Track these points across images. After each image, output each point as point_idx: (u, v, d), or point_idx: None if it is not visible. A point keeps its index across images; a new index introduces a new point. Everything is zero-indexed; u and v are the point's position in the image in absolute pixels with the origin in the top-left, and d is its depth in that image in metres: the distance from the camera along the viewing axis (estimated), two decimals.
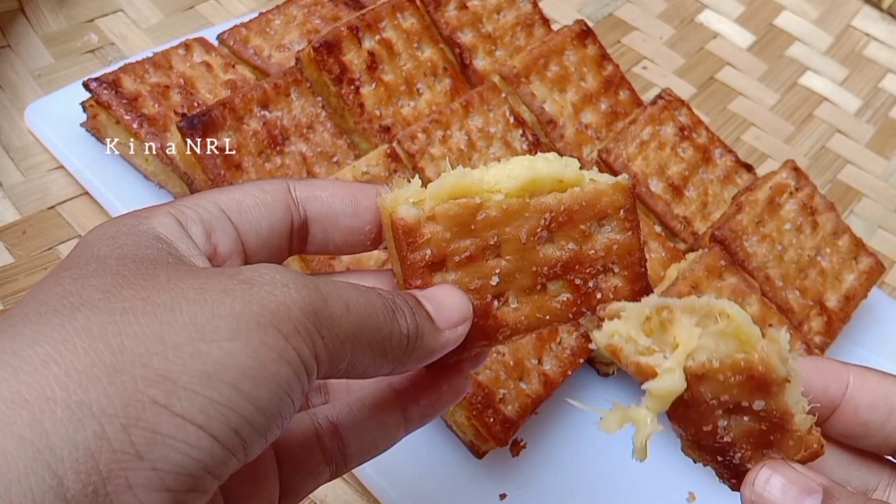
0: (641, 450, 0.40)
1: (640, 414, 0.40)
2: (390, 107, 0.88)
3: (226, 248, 0.42)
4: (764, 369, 0.39)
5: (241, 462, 0.34)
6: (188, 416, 0.31)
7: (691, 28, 1.31)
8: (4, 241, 0.87)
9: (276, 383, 0.34)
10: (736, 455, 0.42)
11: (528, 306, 0.46)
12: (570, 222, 0.44)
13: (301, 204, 0.45)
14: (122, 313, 0.32)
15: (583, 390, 0.84)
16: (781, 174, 0.93)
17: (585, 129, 0.95)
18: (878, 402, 0.45)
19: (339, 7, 1.02)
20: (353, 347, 0.38)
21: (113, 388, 0.30)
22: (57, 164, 0.93)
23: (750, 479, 0.41)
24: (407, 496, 0.74)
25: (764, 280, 0.88)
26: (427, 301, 0.43)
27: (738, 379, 0.39)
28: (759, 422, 0.41)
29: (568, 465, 0.79)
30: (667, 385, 0.40)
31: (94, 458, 0.29)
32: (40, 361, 0.30)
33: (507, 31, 0.99)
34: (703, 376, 0.40)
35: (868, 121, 1.24)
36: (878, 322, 0.97)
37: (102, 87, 0.86)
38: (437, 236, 0.43)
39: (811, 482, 0.40)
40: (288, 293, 0.35)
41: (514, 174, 0.44)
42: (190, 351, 0.32)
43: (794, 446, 0.41)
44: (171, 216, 0.40)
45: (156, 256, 0.37)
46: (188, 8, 1.14)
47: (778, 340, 0.40)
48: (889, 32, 1.36)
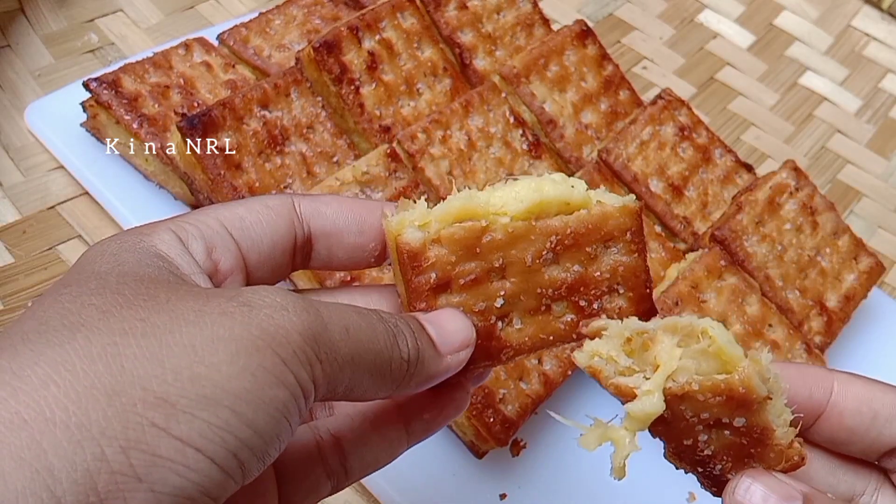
0: (619, 469, 0.41)
1: (618, 434, 0.40)
2: (390, 107, 0.88)
3: (227, 265, 0.42)
4: (745, 390, 0.39)
5: (238, 484, 0.34)
6: (187, 439, 0.31)
7: (691, 28, 1.31)
8: (4, 241, 0.87)
9: (273, 407, 0.34)
10: (716, 467, 0.42)
11: (532, 327, 0.46)
12: (576, 245, 0.44)
13: (305, 220, 0.45)
14: (121, 334, 0.33)
15: (582, 390, 0.84)
16: (781, 174, 0.93)
17: (585, 129, 0.95)
18: (861, 407, 0.45)
19: (339, 7, 1.02)
20: (352, 371, 0.38)
21: (112, 411, 0.30)
22: (57, 164, 0.93)
23: (731, 488, 0.42)
24: (407, 496, 0.74)
25: (764, 280, 0.88)
26: (430, 325, 0.43)
27: (719, 399, 0.40)
28: (740, 437, 0.41)
29: (568, 465, 0.79)
30: (646, 408, 0.40)
31: (92, 480, 0.29)
32: (40, 382, 0.30)
33: (507, 31, 0.99)
34: (683, 396, 0.40)
35: (868, 121, 1.24)
36: (878, 322, 0.97)
37: (102, 87, 0.86)
38: (441, 259, 0.43)
39: (791, 490, 0.41)
40: (287, 317, 0.35)
41: (520, 197, 0.44)
42: (188, 374, 0.32)
43: (774, 458, 0.42)
44: (172, 233, 0.40)
45: (156, 275, 0.37)
46: (188, 8, 1.14)
47: (760, 361, 0.40)
48: (889, 32, 1.36)
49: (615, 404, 0.43)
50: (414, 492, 0.75)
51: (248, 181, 0.80)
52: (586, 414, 0.42)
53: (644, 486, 0.79)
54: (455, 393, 0.47)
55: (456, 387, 0.47)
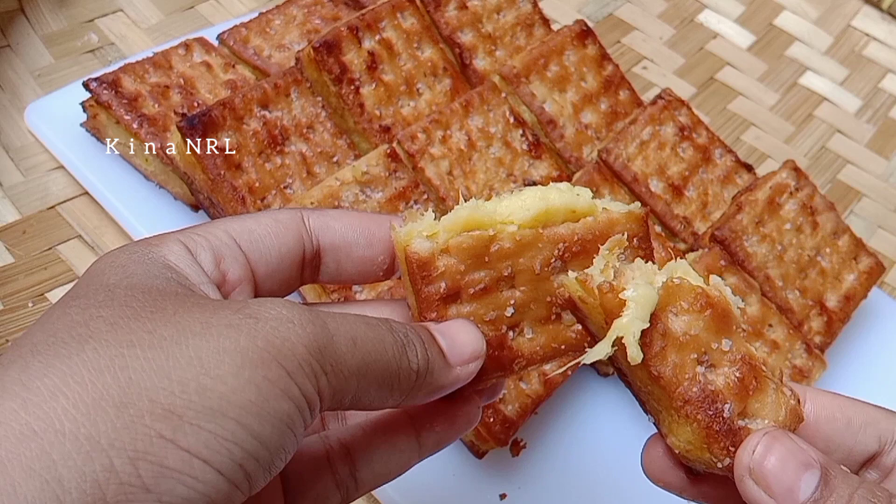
0: (634, 345, 0.41)
1: (623, 322, 0.41)
2: (390, 107, 0.88)
3: (235, 276, 0.42)
4: (718, 295, 0.43)
5: (245, 495, 0.34)
6: (194, 450, 0.32)
7: (691, 28, 1.31)
8: (4, 241, 0.87)
9: (278, 419, 0.34)
10: (725, 407, 0.42)
11: (544, 336, 0.46)
12: (584, 252, 0.44)
13: (314, 233, 0.45)
14: (129, 346, 0.33)
15: (582, 390, 0.84)
16: (781, 174, 0.93)
17: (585, 129, 0.95)
18: (835, 413, 0.45)
19: (339, 7, 1.02)
20: (359, 382, 0.38)
21: (121, 422, 0.31)
22: (57, 164, 0.93)
23: (750, 446, 0.41)
24: (407, 496, 0.74)
25: (764, 280, 0.88)
26: (441, 336, 0.43)
27: (704, 316, 0.42)
28: (733, 368, 0.42)
29: (568, 465, 0.79)
30: (641, 289, 0.41)
31: (101, 490, 0.30)
32: (49, 393, 0.31)
33: (507, 31, 0.99)
34: (667, 303, 0.42)
35: (868, 121, 1.24)
36: (878, 322, 0.97)
37: (102, 87, 0.86)
38: (451, 269, 0.43)
39: (810, 458, 0.41)
40: (293, 329, 0.36)
41: (526, 205, 0.44)
42: (195, 386, 0.33)
43: (773, 403, 0.43)
44: (181, 244, 0.40)
45: (164, 286, 0.37)
46: (188, 8, 1.14)
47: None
48: (889, 32, 1.36)
49: (615, 405, 0.43)
50: (414, 492, 0.75)
51: (248, 181, 0.80)
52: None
53: (644, 485, 0.79)
54: (466, 406, 0.47)
55: (467, 400, 0.47)
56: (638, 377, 0.43)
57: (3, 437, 0.30)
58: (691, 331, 0.42)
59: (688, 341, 0.42)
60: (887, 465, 0.45)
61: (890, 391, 0.90)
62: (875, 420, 0.45)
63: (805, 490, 0.40)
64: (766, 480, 0.40)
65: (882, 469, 0.45)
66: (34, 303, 0.83)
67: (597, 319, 0.43)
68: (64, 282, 0.85)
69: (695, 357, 0.42)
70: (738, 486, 0.41)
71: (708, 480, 0.46)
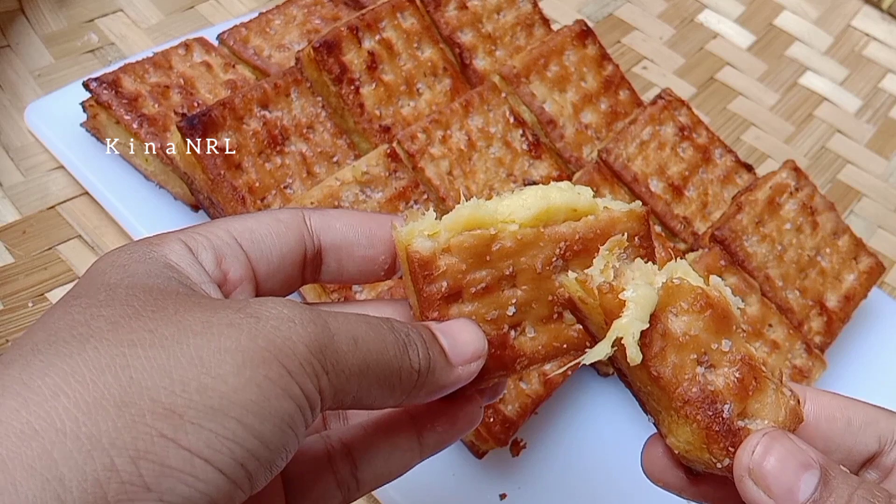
0: (633, 345, 0.41)
1: (623, 322, 0.41)
2: (390, 107, 0.88)
3: (237, 275, 0.42)
4: (718, 294, 0.43)
5: (246, 494, 0.34)
6: (195, 449, 0.32)
7: (691, 28, 1.31)
8: (4, 241, 0.87)
9: (279, 418, 0.34)
10: (725, 408, 0.42)
11: (545, 335, 0.46)
12: (585, 251, 0.45)
13: (315, 233, 0.45)
14: (130, 345, 0.33)
15: (582, 390, 0.84)
16: (781, 174, 0.93)
17: (585, 129, 0.95)
18: (835, 413, 0.45)
19: (339, 7, 1.03)
20: (360, 382, 0.38)
21: (122, 421, 0.31)
22: (57, 164, 0.93)
23: (749, 446, 0.41)
24: (407, 496, 0.74)
25: (764, 280, 0.88)
26: (442, 335, 0.43)
27: (704, 316, 0.42)
28: (733, 368, 0.42)
29: (568, 465, 0.79)
30: (641, 289, 0.41)
31: (102, 489, 0.30)
32: (50, 392, 0.31)
33: (507, 31, 0.99)
34: (667, 303, 0.42)
35: (868, 121, 1.24)
36: (878, 322, 0.97)
37: (102, 87, 0.86)
38: (452, 268, 0.43)
39: (809, 458, 0.41)
40: (294, 328, 0.36)
41: (527, 204, 0.44)
42: (196, 385, 0.33)
43: (773, 404, 0.43)
44: (182, 243, 0.41)
45: (165, 286, 0.37)
46: (188, 8, 1.14)
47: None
48: (889, 32, 1.36)
49: (615, 405, 0.43)
50: (414, 492, 0.75)
51: (248, 181, 0.80)
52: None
53: (644, 485, 0.79)
54: (468, 406, 0.47)
55: (469, 400, 0.47)
56: (638, 377, 0.43)
57: (4, 436, 0.30)
58: (691, 331, 0.42)
59: (687, 342, 0.42)
60: (887, 465, 0.45)
61: (890, 391, 0.90)
62: (875, 420, 0.45)
63: (805, 490, 0.40)
64: (765, 481, 0.40)
65: (882, 469, 0.45)
66: (34, 303, 0.83)
67: (597, 320, 0.43)
68: (64, 282, 0.85)
69: (694, 357, 0.42)
70: (737, 487, 0.41)
71: (707, 481, 0.46)
